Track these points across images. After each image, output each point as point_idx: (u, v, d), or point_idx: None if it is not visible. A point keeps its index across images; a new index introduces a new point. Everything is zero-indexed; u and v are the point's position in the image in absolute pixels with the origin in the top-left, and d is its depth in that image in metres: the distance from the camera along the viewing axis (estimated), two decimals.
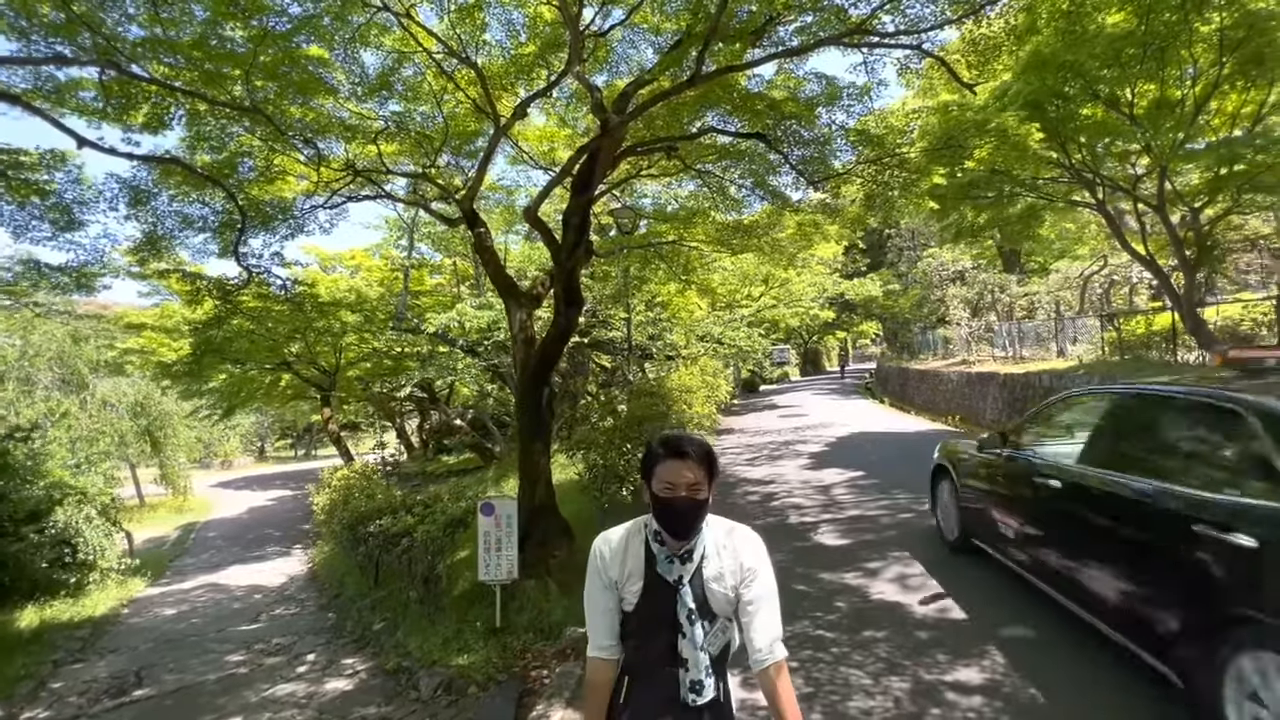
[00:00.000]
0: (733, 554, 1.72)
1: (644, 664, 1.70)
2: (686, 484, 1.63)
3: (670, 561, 1.68)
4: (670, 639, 1.67)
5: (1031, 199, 13.07)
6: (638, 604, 1.69)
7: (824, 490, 9.47)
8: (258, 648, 6.96)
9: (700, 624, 1.66)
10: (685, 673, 1.65)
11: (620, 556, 1.72)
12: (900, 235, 31.24)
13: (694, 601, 1.66)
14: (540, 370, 6.46)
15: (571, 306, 6.10)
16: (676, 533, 1.67)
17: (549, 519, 6.89)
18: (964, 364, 19.59)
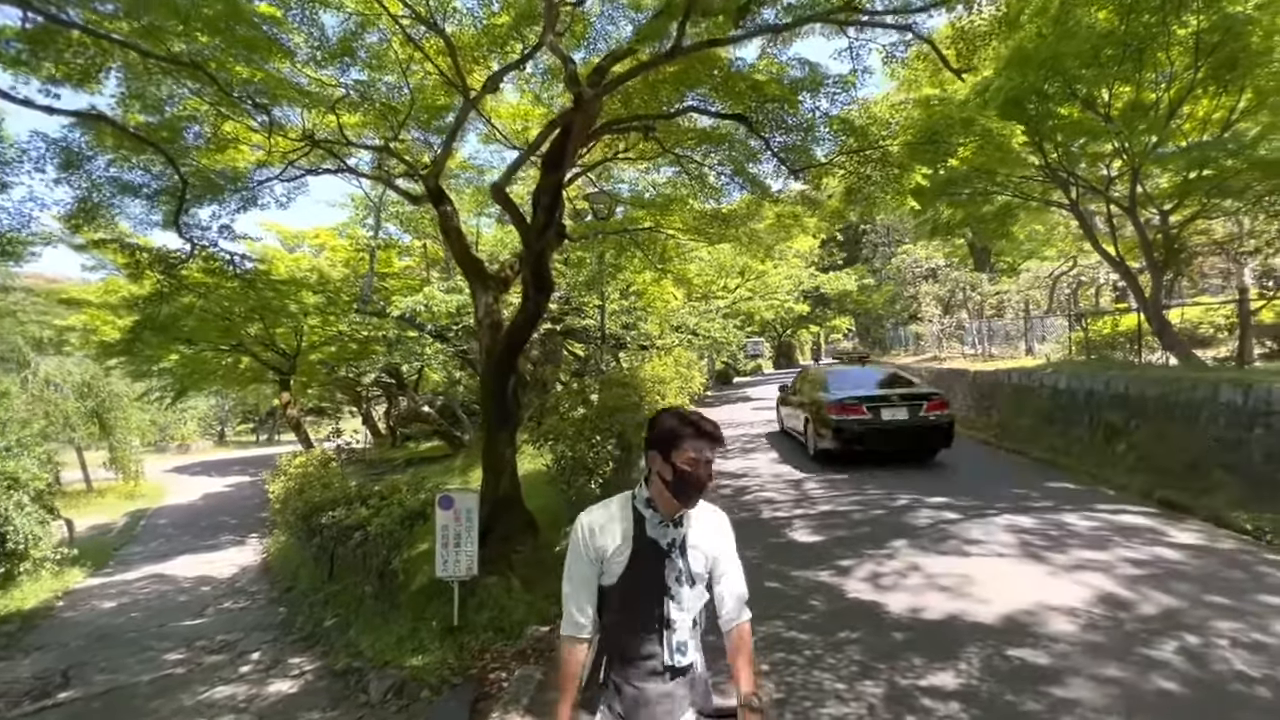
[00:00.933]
0: (709, 524, 1.87)
1: (627, 633, 1.78)
2: (707, 461, 1.77)
3: (664, 526, 1.79)
4: (657, 603, 1.76)
5: (1006, 198, 13.13)
6: (624, 573, 1.76)
7: (795, 485, 9.35)
8: (200, 645, 6.56)
9: (687, 586, 1.78)
10: (671, 634, 1.76)
11: (609, 527, 1.81)
12: (876, 231, 31.44)
13: (683, 565, 1.78)
14: (507, 357, 6.15)
15: (540, 291, 5.80)
16: (689, 502, 1.79)
17: (513, 512, 6.61)
18: (935, 360, 19.78)
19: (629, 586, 1.76)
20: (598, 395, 8.70)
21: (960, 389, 16.33)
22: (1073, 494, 8.07)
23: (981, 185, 12.09)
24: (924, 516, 7.16)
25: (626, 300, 14.94)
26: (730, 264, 20.16)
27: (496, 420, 6.39)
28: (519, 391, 6.42)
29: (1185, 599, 4.65)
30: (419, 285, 16.19)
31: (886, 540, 6.35)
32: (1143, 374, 10.02)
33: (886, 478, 9.26)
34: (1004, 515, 7.03)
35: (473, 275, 6.42)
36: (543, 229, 5.63)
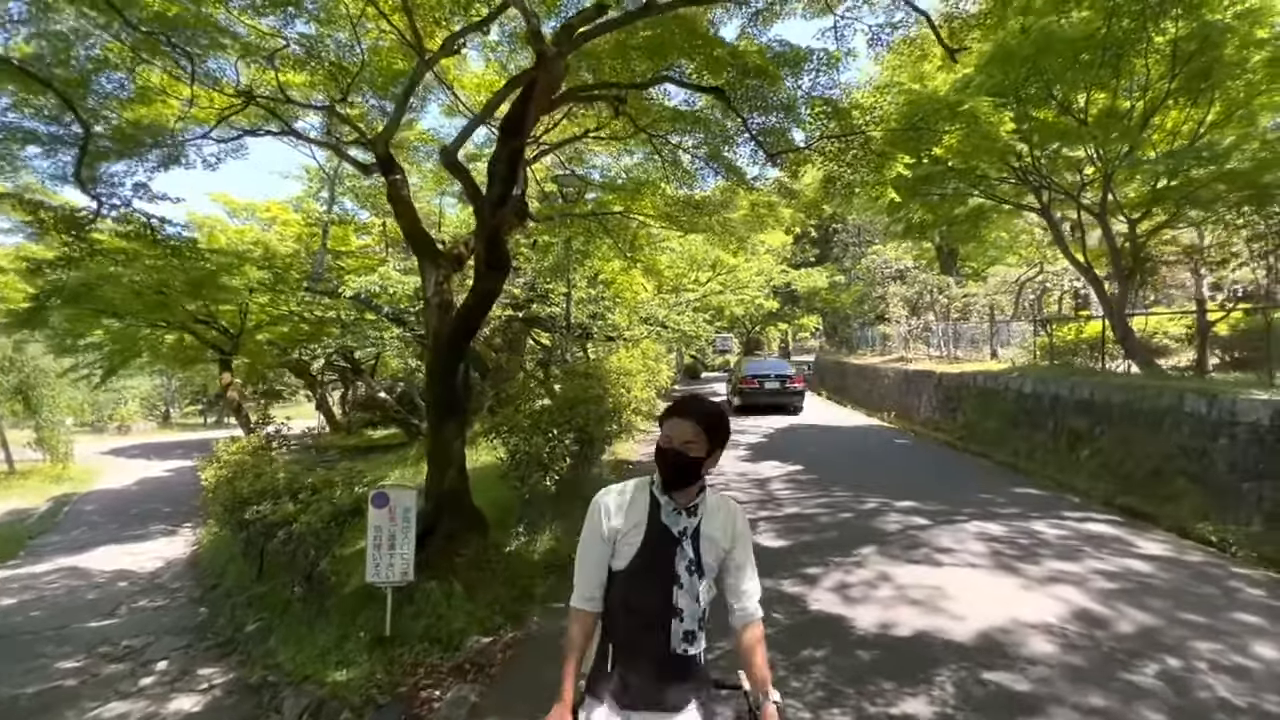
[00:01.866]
0: (726, 518, 1.83)
1: (634, 621, 1.75)
2: (681, 440, 1.74)
3: (677, 513, 1.77)
4: (666, 590, 1.73)
5: (979, 200, 13.06)
6: (635, 556, 1.75)
7: (761, 484, 9.06)
8: (101, 650, 5.89)
9: (697, 577, 1.75)
10: (680, 623, 1.73)
11: (626, 507, 1.79)
12: (846, 230, 31.51)
13: (693, 553, 1.75)
14: (456, 340, 5.63)
15: (495, 269, 5.30)
16: (667, 481, 1.77)
17: (460, 509, 6.11)
18: (901, 361, 19.83)
19: (639, 571, 1.75)
20: (559, 386, 8.21)
21: (926, 391, 16.35)
22: (1039, 500, 7.96)
23: (955, 185, 11.96)
24: (893, 521, 6.91)
25: (594, 289, 14.43)
26: (702, 256, 19.81)
27: (444, 409, 5.86)
28: (474, 379, 5.90)
29: (1161, 616, 4.46)
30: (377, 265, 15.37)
31: (855, 547, 6.07)
32: (1107, 380, 10.02)
33: (854, 480, 9.04)
34: (974, 522, 6.83)
35: (422, 251, 5.86)
36: (499, 202, 5.13)
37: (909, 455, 11.87)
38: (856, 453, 11.97)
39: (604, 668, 1.76)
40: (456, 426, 6.00)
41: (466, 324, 5.61)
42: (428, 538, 6.00)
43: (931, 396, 15.96)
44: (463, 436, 6.14)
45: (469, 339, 5.77)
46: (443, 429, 5.98)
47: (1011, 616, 4.42)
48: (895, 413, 17.47)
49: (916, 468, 10.47)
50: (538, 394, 11.60)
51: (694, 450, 1.74)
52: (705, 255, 20.65)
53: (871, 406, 19.60)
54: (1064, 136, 10.25)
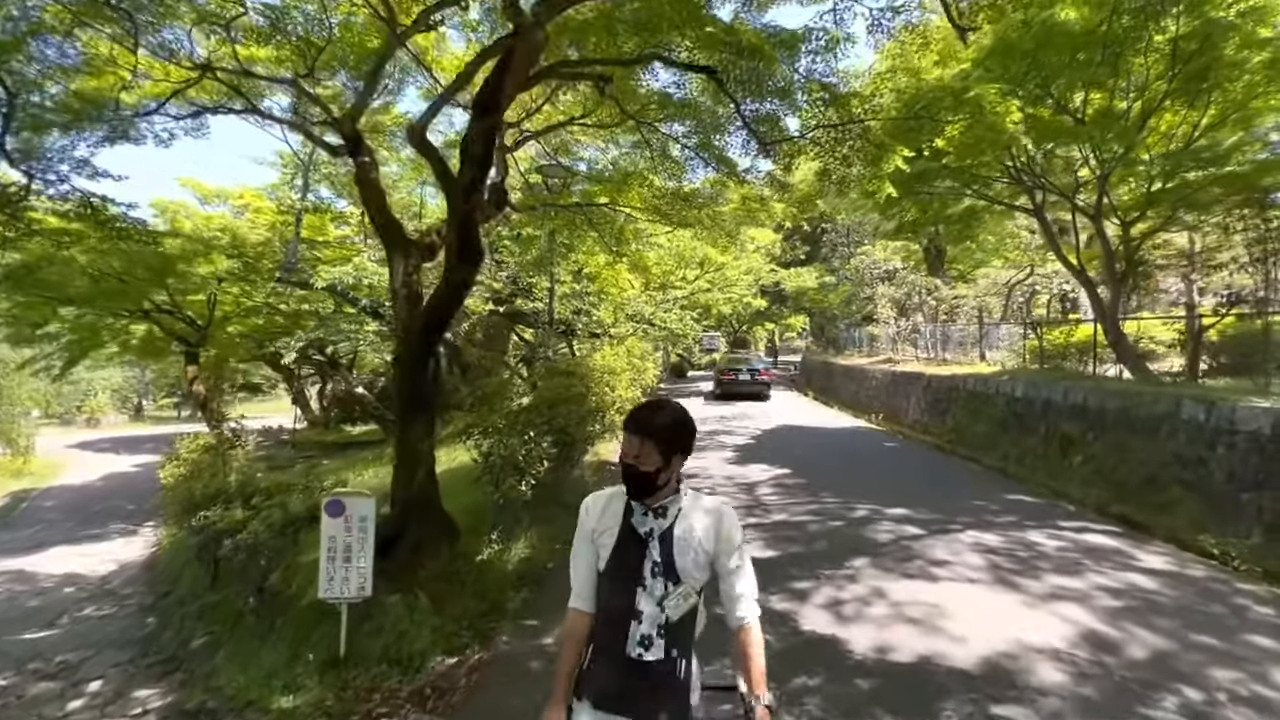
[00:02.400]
0: (706, 520, 1.79)
1: (606, 620, 1.77)
2: (631, 454, 1.74)
3: (645, 514, 1.77)
4: (630, 592, 1.72)
5: (972, 200, 12.86)
6: (609, 557, 1.76)
7: (748, 489, 8.75)
8: (32, 667, 5.42)
9: (661, 579, 1.72)
10: (637, 625, 1.70)
11: (603, 508, 1.82)
12: (836, 230, 31.36)
13: (660, 555, 1.73)
14: (426, 334, 5.22)
15: (466, 260, 4.90)
16: (629, 493, 1.78)
17: (428, 515, 5.71)
18: (889, 362, 19.66)
19: (611, 573, 1.77)
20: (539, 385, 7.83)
21: (915, 393, 16.16)
22: (1034, 508, 7.72)
23: (949, 184, 11.73)
24: (885, 530, 6.62)
25: (579, 284, 14.02)
26: (690, 254, 19.48)
27: (412, 407, 5.46)
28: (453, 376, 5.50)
29: (1172, 639, 4.19)
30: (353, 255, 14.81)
31: (846, 558, 5.75)
32: (1101, 386, 9.83)
33: (843, 484, 8.75)
34: (969, 531, 6.55)
35: (390, 238, 5.44)
36: (471, 186, 4.73)
37: (898, 458, 11.64)
38: (845, 455, 11.71)
39: (587, 671, 1.78)
40: (425, 425, 5.59)
41: (437, 317, 5.20)
42: (393, 545, 5.60)
43: (920, 398, 15.78)
44: (432, 436, 5.74)
45: (440, 333, 5.36)
46: (411, 428, 5.57)
47: (1016, 639, 4.12)
48: (883, 414, 17.28)
49: (906, 472, 10.22)
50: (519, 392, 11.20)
51: (643, 464, 1.72)
52: (693, 252, 20.32)
53: (859, 408, 19.41)
54: (1061, 135, 10.03)
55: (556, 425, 7.60)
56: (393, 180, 14.89)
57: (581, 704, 1.75)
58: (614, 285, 13.65)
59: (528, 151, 11.85)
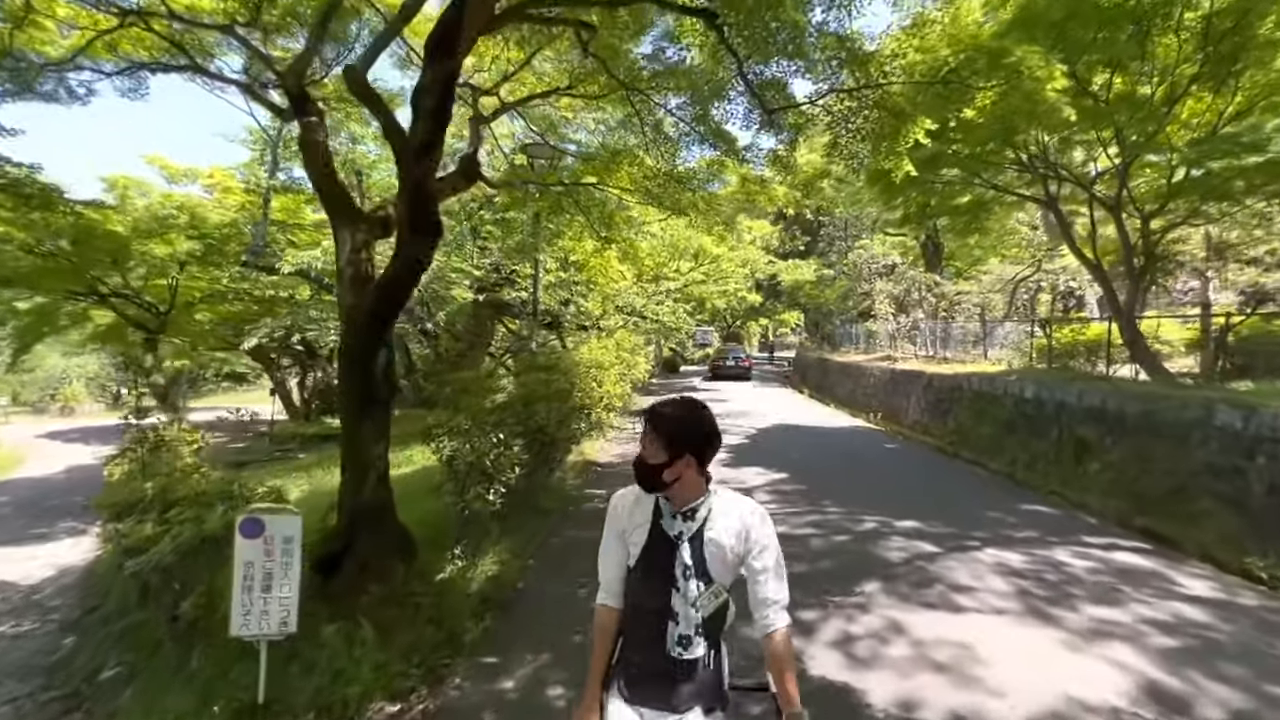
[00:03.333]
0: (737, 523, 1.78)
1: (639, 619, 1.78)
2: (642, 446, 1.79)
3: (674, 518, 1.77)
4: (665, 593, 1.73)
5: (981, 189, 12.20)
6: (639, 557, 1.78)
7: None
8: None
9: (694, 581, 1.72)
10: (675, 626, 1.72)
11: (632, 506, 1.83)
12: (833, 224, 30.71)
13: (690, 558, 1.73)
14: (374, 320, 4.48)
15: (421, 233, 4.16)
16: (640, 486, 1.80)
17: (380, 528, 4.98)
18: (888, 360, 19.04)
19: (642, 572, 1.77)
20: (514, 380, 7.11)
21: (915, 392, 15.55)
22: (1053, 521, 7.09)
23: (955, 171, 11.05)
24: (896, 547, 5.95)
25: (565, 272, 13.25)
26: (684, 244, 18.77)
27: (360, 403, 4.72)
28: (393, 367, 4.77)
29: (1248, 692, 3.54)
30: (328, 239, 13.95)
31: (856, 581, 5.08)
32: (1119, 387, 9.22)
33: (846, 491, 8.10)
34: (988, 549, 5.90)
35: (335, 208, 4.68)
36: (426, 145, 3.98)
37: (901, 462, 11.01)
38: (846, 458, 11.06)
39: (618, 663, 1.80)
40: (377, 425, 4.86)
41: (387, 300, 4.45)
42: (338, 562, 4.88)
43: (920, 398, 15.17)
44: (386, 438, 5.00)
45: (391, 318, 4.61)
46: (360, 428, 4.83)
47: (1065, 692, 3.46)
48: (882, 414, 16.67)
49: (911, 477, 9.58)
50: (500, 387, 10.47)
51: (650, 457, 1.74)
52: (688, 243, 19.59)
53: (856, 406, 18.80)
54: (1082, 118, 9.36)
55: (533, 425, 6.90)
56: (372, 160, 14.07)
57: (613, 696, 1.76)
58: (602, 275, 12.92)
59: (511, 128, 11.09)
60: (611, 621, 1.83)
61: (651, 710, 1.72)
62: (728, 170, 8.47)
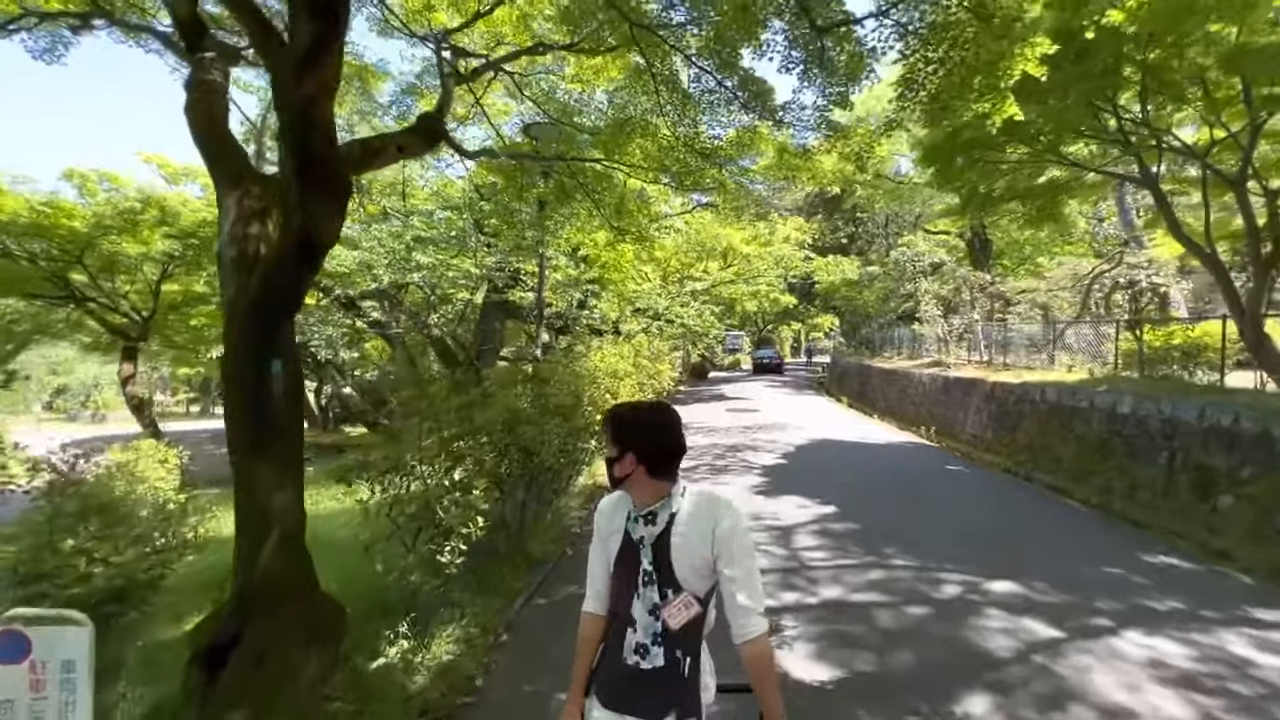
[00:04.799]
0: (704, 524, 1.70)
1: (614, 624, 1.77)
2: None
3: (636, 521, 1.74)
4: (628, 599, 1.72)
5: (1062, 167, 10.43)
6: (614, 562, 1.76)
7: (782, 537, 6.53)
8: None
9: (655, 588, 1.68)
10: (633, 633, 1.70)
11: (613, 510, 1.82)
12: (873, 220, 28.75)
13: (650, 564, 1.69)
14: (259, 320, 3.15)
15: (315, 189, 2.82)
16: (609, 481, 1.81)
17: (288, 606, 3.64)
18: (938, 366, 17.20)
19: (615, 578, 1.77)
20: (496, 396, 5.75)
21: (973, 403, 13.73)
22: (1193, 581, 5.38)
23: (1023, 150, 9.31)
24: (997, 628, 4.36)
25: (575, 269, 11.87)
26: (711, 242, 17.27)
27: (252, 437, 3.41)
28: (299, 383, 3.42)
29: None
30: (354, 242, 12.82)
31: (952, 694, 3.53)
32: (1259, 403, 7.41)
33: (910, 532, 6.49)
34: (1128, 632, 4.27)
35: (218, 165, 3.35)
36: (312, 53, 2.67)
37: (969, 489, 9.30)
38: (902, 485, 9.39)
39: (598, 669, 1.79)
40: (278, 466, 3.53)
41: (275, 288, 3.11)
42: (223, 657, 3.55)
43: (980, 410, 13.36)
44: (294, 481, 3.66)
45: (282, 314, 3.24)
46: (254, 471, 3.51)
47: None
48: (934, 427, 14.89)
49: (985, 509, 7.90)
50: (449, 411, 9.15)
51: (606, 449, 1.76)
52: (715, 241, 18.10)
53: (903, 418, 17.02)
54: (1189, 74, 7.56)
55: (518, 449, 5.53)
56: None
57: (592, 701, 1.77)
58: (617, 271, 11.50)
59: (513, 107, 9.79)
60: (595, 628, 1.82)
61: (628, 716, 1.69)
62: (761, 141, 6.99)
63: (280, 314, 3.26)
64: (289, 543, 3.69)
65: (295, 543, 3.74)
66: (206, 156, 3.45)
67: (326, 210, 3.02)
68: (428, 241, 10.82)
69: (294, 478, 3.68)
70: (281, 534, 3.63)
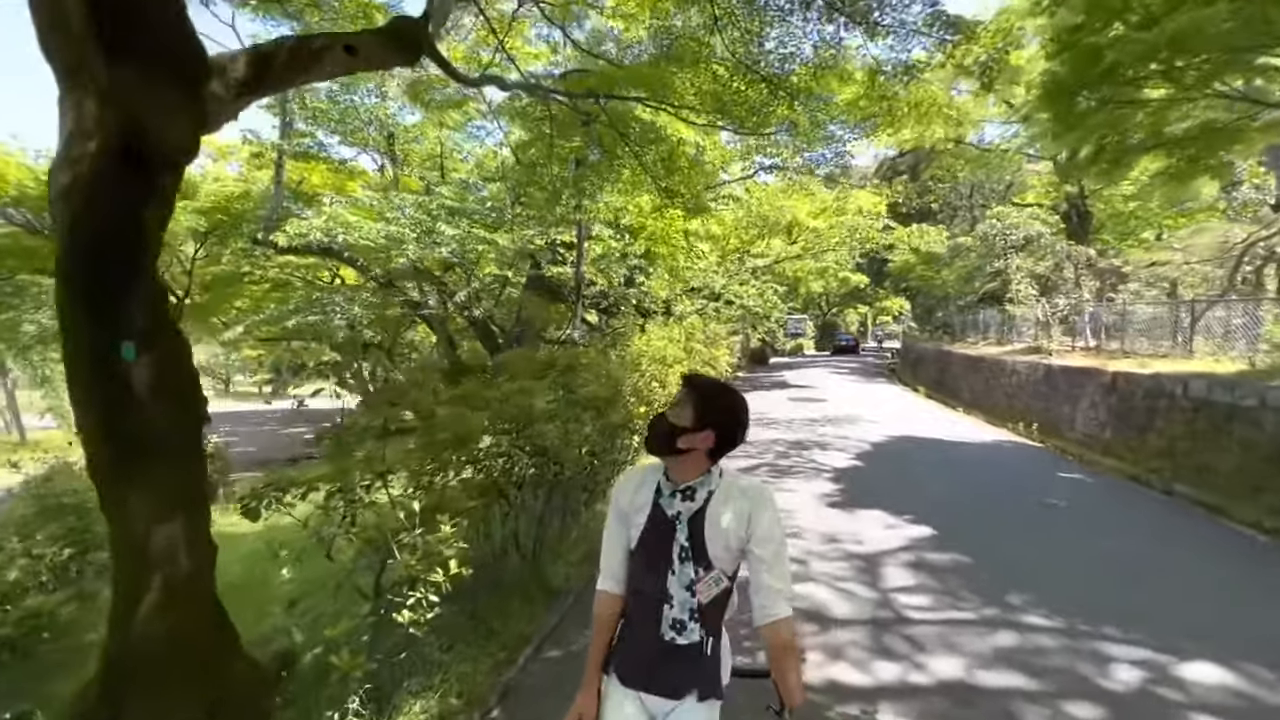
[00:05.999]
0: (741, 505, 1.70)
1: (638, 601, 1.75)
2: (672, 403, 1.73)
3: (672, 496, 1.72)
4: (661, 575, 1.70)
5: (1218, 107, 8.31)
6: (640, 538, 1.74)
7: (868, 571, 5.12)
8: None
9: (690, 564, 1.68)
10: (670, 609, 1.68)
11: (637, 486, 1.78)
12: (956, 192, 25.97)
13: (687, 540, 1.69)
14: (89, 271, 2.08)
15: (136, 63, 1.72)
16: (645, 444, 1.76)
17: (182, 683, 2.61)
18: (1036, 352, 15.01)
19: (641, 554, 1.74)
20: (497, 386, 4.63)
21: (1086, 396, 11.66)
22: None
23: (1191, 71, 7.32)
24: None
25: (618, 240, 10.53)
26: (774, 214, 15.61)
27: (110, 451, 2.37)
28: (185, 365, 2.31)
29: None
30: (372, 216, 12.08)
31: None
32: None
33: (1043, 575, 4.90)
34: None
35: (49, 49, 2.33)
36: None
37: (1099, 505, 7.52)
38: (1013, 497, 7.69)
39: (618, 646, 1.78)
40: (155, 494, 2.48)
41: (101, 223, 2.02)
42: None
43: (1097, 405, 11.31)
44: (190, 512, 2.61)
45: (124, 267, 2.13)
46: (125, 500, 2.48)
47: None
48: (1034, 423, 12.88)
49: (1132, 536, 6.17)
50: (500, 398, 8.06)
51: (675, 416, 1.69)
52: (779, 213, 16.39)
53: (993, 412, 15.00)
54: None
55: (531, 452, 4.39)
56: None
57: (611, 678, 1.76)
58: (665, 243, 10.11)
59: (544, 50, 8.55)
60: (612, 608, 1.79)
61: (648, 694, 1.70)
62: (846, 66, 5.46)
63: (116, 264, 2.17)
64: (182, 594, 2.65)
65: (193, 594, 2.69)
66: (40, 37, 2.37)
67: (160, 100, 1.89)
68: (460, 213, 9.85)
69: (187, 506, 2.63)
70: (166, 583, 2.59)
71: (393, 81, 10.20)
